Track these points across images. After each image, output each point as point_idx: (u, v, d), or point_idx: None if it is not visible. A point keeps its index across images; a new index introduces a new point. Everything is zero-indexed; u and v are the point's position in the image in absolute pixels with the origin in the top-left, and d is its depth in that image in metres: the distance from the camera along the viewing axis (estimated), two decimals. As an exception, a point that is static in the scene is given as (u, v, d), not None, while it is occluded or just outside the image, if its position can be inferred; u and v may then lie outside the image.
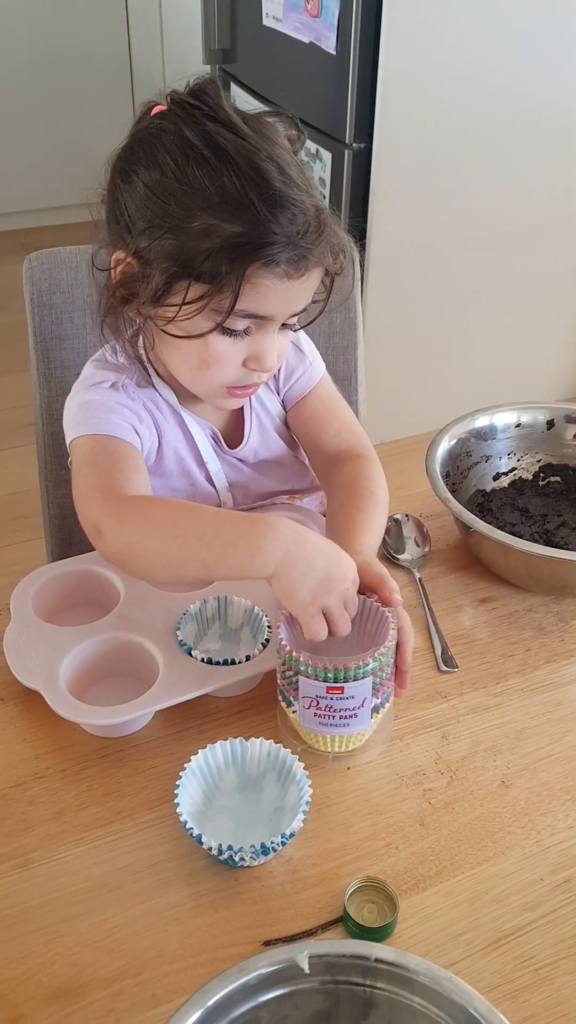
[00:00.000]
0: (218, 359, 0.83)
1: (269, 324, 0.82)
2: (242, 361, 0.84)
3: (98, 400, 0.90)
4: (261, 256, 0.76)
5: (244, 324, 0.81)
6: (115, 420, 0.88)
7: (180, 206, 0.76)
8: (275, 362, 0.85)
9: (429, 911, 0.68)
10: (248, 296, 0.78)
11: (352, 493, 0.91)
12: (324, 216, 0.80)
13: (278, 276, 0.78)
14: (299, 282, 0.80)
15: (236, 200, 0.75)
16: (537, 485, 1.09)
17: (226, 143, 0.76)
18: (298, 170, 0.79)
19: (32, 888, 0.68)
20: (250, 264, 0.76)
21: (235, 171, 0.75)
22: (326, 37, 1.96)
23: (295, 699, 0.74)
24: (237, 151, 0.75)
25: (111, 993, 0.62)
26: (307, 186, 0.80)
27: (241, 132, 0.76)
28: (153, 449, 0.95)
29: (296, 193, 0.77)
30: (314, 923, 0.67)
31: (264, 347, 0.83)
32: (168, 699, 0.78)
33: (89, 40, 3.34)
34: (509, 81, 2.03)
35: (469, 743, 0.80)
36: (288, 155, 0.79)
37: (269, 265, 0.76)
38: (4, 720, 0.80)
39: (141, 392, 0.93)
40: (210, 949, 0.65)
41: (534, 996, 0.63)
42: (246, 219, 0.75)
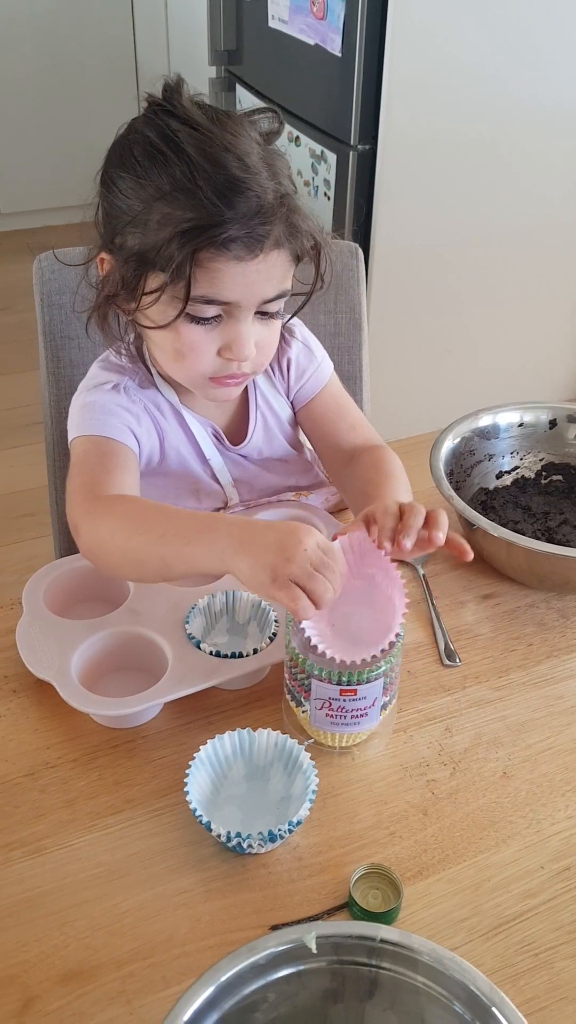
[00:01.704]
0: (192, 348, 0.85)
1: (237, 311, 0.83)
2: (216, 350, 0.86)
3: (98, 402, 0.92)
4: (210, 239, 0.78)
5: (212, 312, 0.83)
6: (111, 422, 0.91)
7: (141, 201, 0.80)
8: (251, 351, 0.86)
9: (432, 897, 0.70)
10: (203, 281, 0.80)
11: (377, 473, 0.93)
12: (287, 201, 0.82)
13: (231, 259, 0.79)
14: (255, 264, 0.80)
15: (187, 189, 0.77)
16: (539, 484, 1.10)
17: (181, 137, 0.78)
18: (262, 158, 0.81)
19: (45, 874, 0.70)
20: (201, 248, 0.78)
21: (187, 162, 0.78)
22: (331, 39, 1.98)
23: (306, 700, 0.75)
24: (191, 143, 0.78)
25: (122, 975, 0.64)
26: (271, 173, 0.81)
27: (197, 125, 0.79)
28: (155, 449, 0.97)
29: (253, 178, 0.79)
30: (320, 908, 0.68)
31: (236, 335, 0.84)
32: (177, 691, 0.79)
33: (95, 41, 3.36)
34: (513, 83, 2.04)
35: (472, 735, 0.82)
36: (250, 144, 0.81)
37: (220, 248, 0.78)
38: (16, 711, 0.82)
39: (143, 393, 0.95)
40: (219, 933, 0.67)
41: (534, 980, 0.65)
42: (196, 206, 0.77)
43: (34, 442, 2.31)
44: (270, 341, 0.90)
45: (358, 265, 1.27)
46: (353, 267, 1.26)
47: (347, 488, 0.99)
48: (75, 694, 0.78)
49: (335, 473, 1.03)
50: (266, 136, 0.85)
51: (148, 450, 0.96)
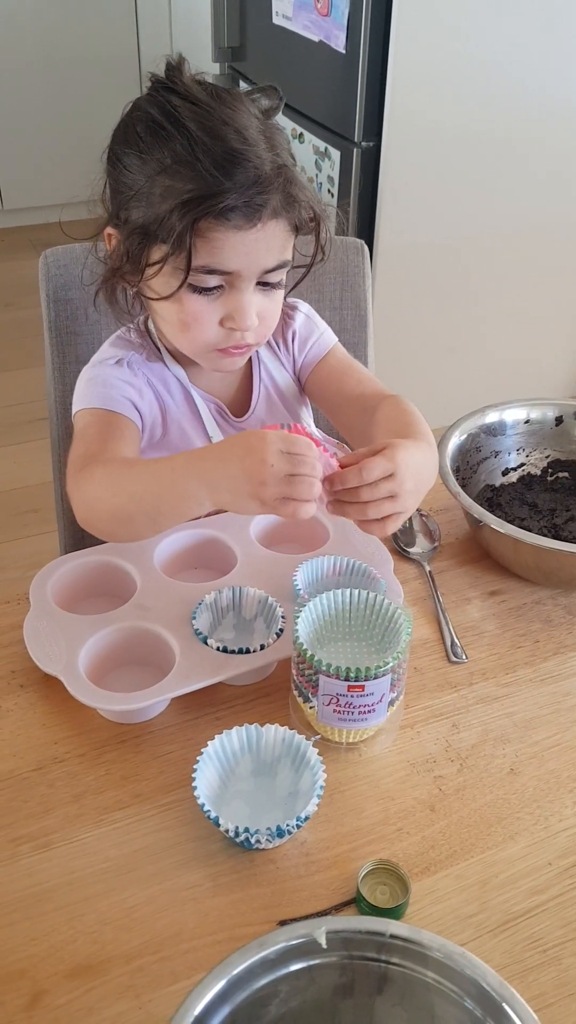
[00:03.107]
0: (195, 319, 0.87)
1: (238, 281, 0.85)
2: (219, 320, 0.87)
3: (101, 375, 0.95)
4: (209, 208, 0.79)
5: (214, 282, 0.84)
6: (113, 394, 0.93)
7: (144, 175, 0.82)
8: (253, 320, 0.87)
9: (440, 893, 0.70)
10: (204, 250, 0.82)
11: (400, 414, 0.91)
12: (285, 171, 0.83)
13: (230, 228, 0.81)
14: (254, 233, 0.82)
15: (187, 162, 0.80)
16: (545, 480, 1.10)
17: (181, 112, 0.80)
18: (260, 131, 0.83)
19: (53, 868, 0.70)
20: (200, 218, 0.80)
21: (187, 136, 0.80)
22: (335, 36, 1.98)
23: (314, 696, 0.76)
24: (191, 117, 0.80)
25: (131, 970, 0.64)
26: (269, 145, 0.83)
27: (197, 100, 0.81)
28: (157, 423, 0.98)
29: (251, 150, 0.80)
30: (328, 904, 0.69)
31: (238, 305, 0.86)
32: (184, 686, 0.79)
33: (98, 38, 3.36)
34: (518, 80, 2.04)
35: (479, 732, 0.82)
36: (248, 118, 0.82)
37: (219, 217, 0.80)
38: (24, 706, 0.82)
39: (148, 368, 0.97)
40: (227, 928, 0.67)
41: (542, 976, 0.65)
42: (196, 177, 0.79)
43: (38, 438, 2.31)
44: (272, 311, 0.91)
45: (363, 262, 1.27)
46: (359, 264, 1.26)
47: (373, 437, 0.95)
48: (83, 689, 0.78)
49: (351, 427, 1.01)
50: (266, 112, 0.87)
51: (150, 423, 0.97)
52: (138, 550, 0.93)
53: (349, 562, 0.90)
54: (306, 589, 0.87)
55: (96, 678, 0.81)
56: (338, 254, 1.25)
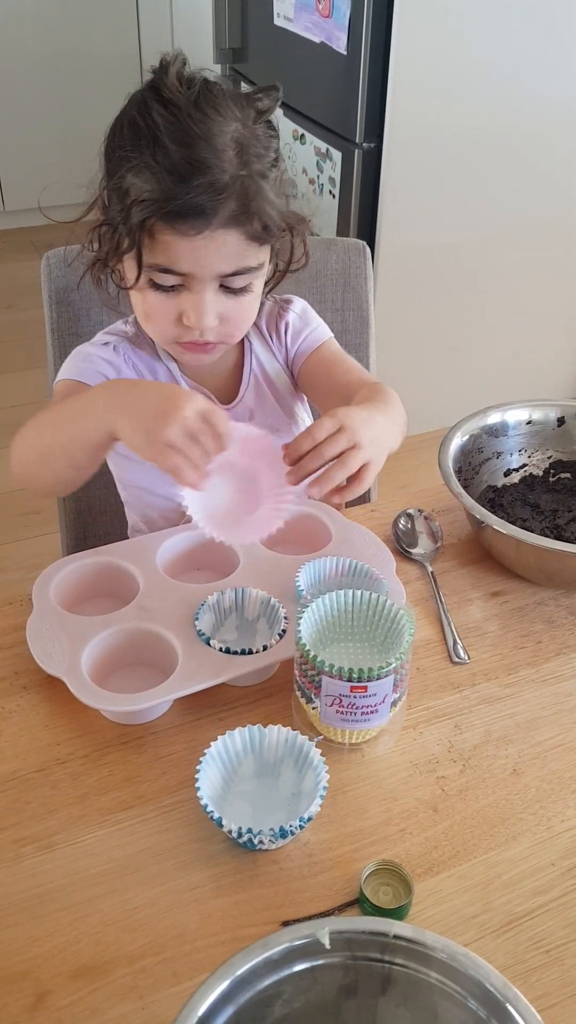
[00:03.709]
0: (154, 311, 0.90)
1: (193, 282, 0.87)
2: (176, 316, 0.90)
3: (84, 351, 1.00)
4: (156, 211, 0.82)
5: (170, 280, 0.87)
6: (88, 369, 0.97)
7: (120, 169, 0.85)
8: (208, 321, 0.89)
9: (443, 894, 0.70)
10: (155, 250, 0.85)
11: (371, 393, 0.93)
12: (247, 182, 0.84)
13: (175, 232, 0.83)
14: (201, 240, 0.83)
15: (149, 165, 0.82)
16: (547, 481, 1.10)
17: (155, 117, 0.82)
18: (235, 139, 0.83)
19: (56, 869, 0.70)
20: (149, 219, 0.83)
21: (155, 139, 0.82)
22: (337, 37, 1.98)
23: (316, 697, 0.76)
24: (163, 122, 0.82)
25: (134, 970, 0.64)
26: (240, 154, 0.84)
27: (175, 104, 0.82)
28: None
29: (212, 158, 0.81)
30: (331, 905, 0.69)
31: (193, 304, 0.88)
32: (187, 687, 0.79)
33: (99, 39, 3.36)
34: (520, 81, 2.04)
35: (481, 732, 0.82)
36: (225, 124, 0.83)
37: (166, 221, 0.83)
38: (27, 707, 0.82)
39: (136, 356, 1.01)
40: (230, 929, 0.67)
41: (545, 976, 0.65)
42: (153, 180, 0.82)
43: (39, 440, 2.31)
44: (239, 314, 0.92)
45: (365, 263, 1.27)
46: (360, 265, 1.26)
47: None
48: (85, 690, 0.78)
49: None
50: (260, 113, 0.87)
51: None
52: (141, 551, 0.93)
53: (351, 563, 0.90)
54: (308, 590, 0.87)
55: (99, 679, 0.81)
56: (340, 255, 1.26)
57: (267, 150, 0.87)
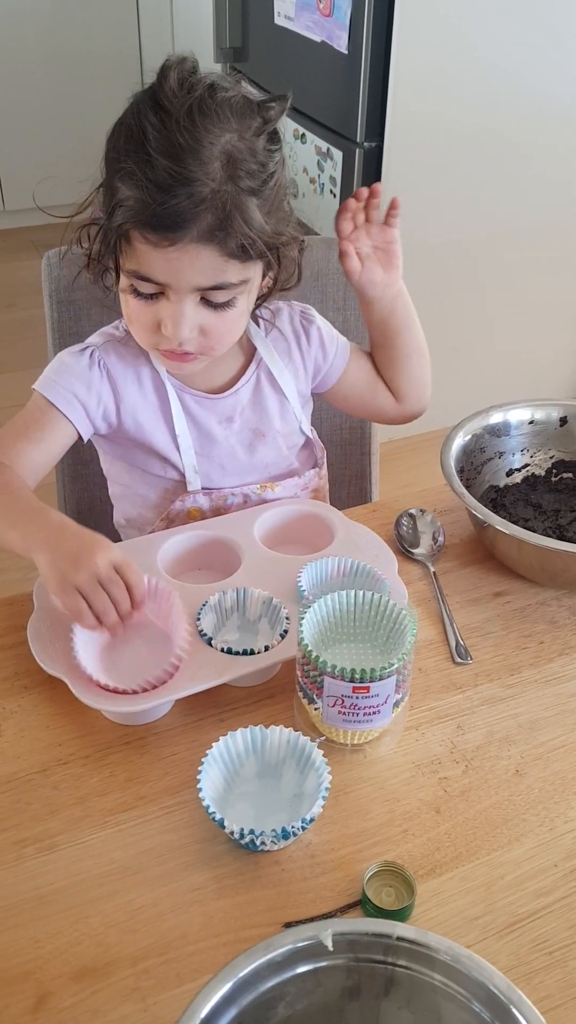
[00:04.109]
0: (135, 316, 0.92)
1: (170, 292, 0.87)
2: (154, 324, 0.90)
3: (63, 362, 0.99)
4: (134, 219, 0.83)
5: (148, 288, 0.88)
6: (60, 386, 0.97)
7: (111, 171, 0.85)
8: (185, 332, 0.89)
9: (445, 895, 0.69)
10: (131, 257, 0.86)
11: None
12: (226, 198, 0.83)
13: (147, 242, 0.84)
14: (173, 252, 0.83)
15: (133, 173, 0.82)
16: (550, 481, 1.10)
17: (146, 125, 0.82)
18: (225, 151, 0.82)
19: (58, 870, 0.70)
20: (125, 224, 0.84)
21: (144, 148, 0.81)
22: (338, 36, 1.98)
23: (318, 697, 0.75)
24: (153, 131, 0.81)
25: (136, 972, 0.64)
26: (227, 169, 0.83)
27: (168, 111, 0.81)
28: (110, 413, 1.00)
29: (194, 172, 0.81)
30: (333, 906, 0.68)
31: (169, 314, 0.88)
32: (189, 688, 0.79)
33: (100, 39, 3.35)
34: (521, 79, 2.04)
35: (484, 733, 0.82)
36: (216, 137, 0.82)
37: (140, 229, 0.83)
38: (28, 708, 0.82)
39: (119, 359, 1.00)
40: (232, 930, 0.67)
41: (548, 978, 0.65)
42: (135, 187, 0.82)
43: (40, 439, 2.30)
44: (221, 328, 0.92)
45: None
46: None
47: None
48: (87, 691, 0.78)
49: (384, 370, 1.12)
50: (264, 124, 0.86)
51: (100, 414, 1.00)
52: (141, 551, 0.93)
53: (353, 563, 0.89)
54: (310, 590, 0.87)
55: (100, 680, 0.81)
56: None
57: (262, 166, 0.85)
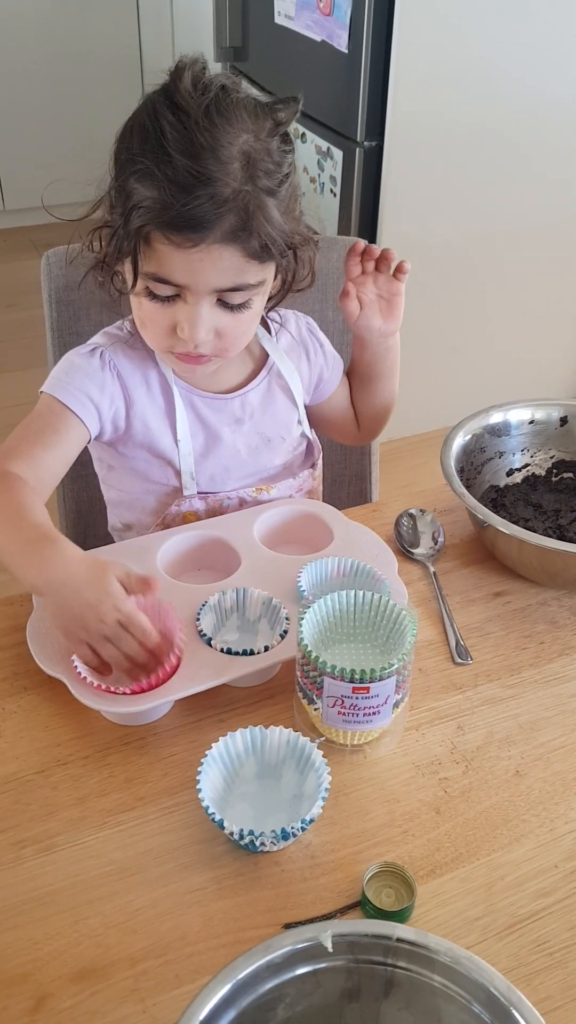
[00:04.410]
0: (149, 319, 0.90)
1: (189, 294, 0.87)
2: (170, 326, 0.89)
3: (71, 363, 0.97)
4: (152, 220, 0.82)
5: (166, 291, 0.87)
6: (71, 387, 0.94)
7: (125, 169, 0.84)
8: (202, 335, 0.88)
9: (445, 896, 0.69)
10: (151, 259, 0.85)
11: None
12: (247, 198, 0.82)
13: (170, 244, 0.83)
14: (197, 253, 0.83)
15: (152, 173, 0.81)
16: (550, 481, 1.10)
17: (163, 125, 0.81)
18: (243, 152, 0.82)
19: (57, 871, 0.70)
20: (146, 226, 0.82)
21: (162, 147, 0.81)
22: (338, 35, 1.97)
23: (318, 698, 0.75)
24: (171, 130, 0.80)
25: (135, 973, 0.64)
26: (246, 169, 0.82)
27: (186, 111, 0.81)
28: (120, 417, 0.99)
29: (215, 172, 0.80)
30: (333, 907, 0.68)
31: (187, 316, 0.88)
32: (188, 688, 0.79)
33: (100, 38, 3.35)
34: (521, 79, 2.04)
35: (484, 733, 0.82)
36: (234, 136, 0.81)
37: (162, 231, 0.82)
38: (27, 708, 0.82)
39: (127, 361, 0.98)
40: (232, 931, 0.66)
41: (549, 979, 0.64)
42: (154, 188, 0.81)
43: (40, 439, 2.30)
44: (236, 329, 0.91)
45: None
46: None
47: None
48: (86, 692, 0.78)
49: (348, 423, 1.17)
50: (276, 125, 0.85)
51: (111, 417, 0.98)
52: (141, 551, 0.93)
53: (353, 563, 0.89)
54: (310, 591, 0.87)
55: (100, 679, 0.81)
56: (341, 254, 1.25)
57: (278, 166, 0.85)
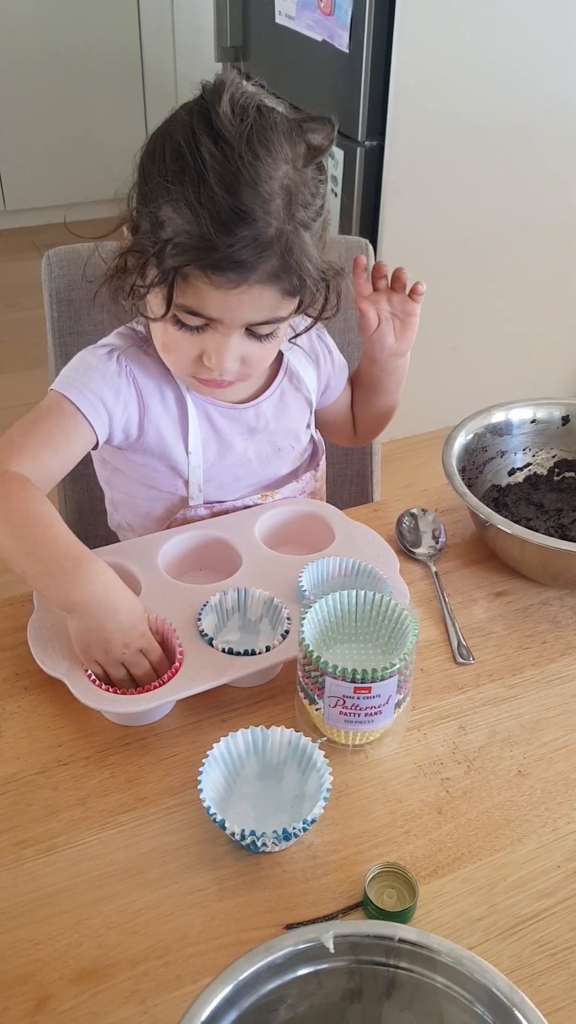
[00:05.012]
0: (175, 346, 0.89)
1: (221, 327, 0.85)
2: (197, 354, 0.88)
3: (87, 362, 0.94)
4: (196, 260, 0.79)
5: (196, 322, 0.85)
6: (86, 390, 0.91)
7: (158, 196, 0.80)
8: (231, 365, 0.88)
9: (447, 897, 0.69)
10: (188, 293, 0.82)
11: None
12: (290, 237, 0.81)
13: (211, 284, 0.81)
14: (236, 293, 0.81)
15: (192, 205, 0.78)
16: (552, 480, 1.10)
17: (203, 152, 0.77)
18: (283, 186, 0.80)
19: (58, 872, 0.70)
20: (186, 263, 0.80)
21: (201, 178, 0.77)
22: (339, 35, 1.97)
23: (320, 698, 0.75)
24: (211, 160, 0.77)
25: (136, 974, 0.64)
26: (287, 204, 0.80)
27: (226, 139, 0.77)
28: (132, 424, 0.96)
29: (258, 210, 0.78)
30: (334, 908, 0.68)
31: (217, 347, 0.86)
32: (190, 688, 0.79)
33: (101, 37, 3.35)
34: (522, 79, 2.03)
35: (486, 733, 0.81)
36: (275, 167, 0.79)
37: (205, 270, 0.80)
38: (27, 708, 0.82)
39: (143, 366, 0.95)
40: (233, 932, 0.66)
41: (552, 980, 0.64)
42: (195, 222, 0.78)
43: (41, 439, 2.30)
44: (261, 357, 0.91)
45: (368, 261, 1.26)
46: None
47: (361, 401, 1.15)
48: (87, 692, 0.78)
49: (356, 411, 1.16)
50: (311, 151, 0.83)
51: (123, 423, 0.95)
52: (141, 552, 0.93)
53: (355, 563, 0.89)
54: (311, 590, 0.87)
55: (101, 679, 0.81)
56: (342, 253, 1.25)
57: (314, 197, 0.84)
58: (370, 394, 1.12)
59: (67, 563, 0.79)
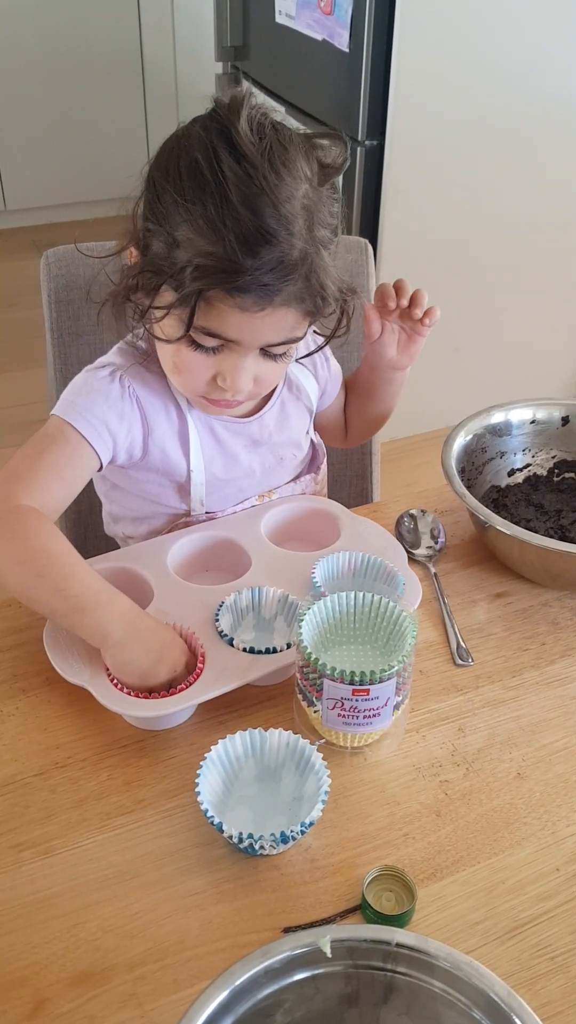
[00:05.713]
0: (187, 367, 0.87)
1: (238, 347, 0.84)
2: (211, 376, 0.87)
3: (89, 386, 0.91)
4: (221, 283, 0.77)
5: (212, 343, 0.83)
6: (89, 416, 0.89)
7: (174, 214, 0.78)
8: (245, 385, 0.87)
9: (446, 900, 0.69)
10: (208, 315, 0.80)
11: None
12: (312, 260, 0.80)
13: (236, 307, 0.79)
14: (260, 316, 0.80)
15: (214, 225, 0.76)
16: (552, 481, 1.09)
17: (223, 170, 0.76)
18: (304, 206, 0.79)
19: (55, 875, 0.69)
20: (210, 287, 0.78)
21: (223, 196, 0.75)
22: (339, 34, 1.97)
23: (318, 700, 0.75)
24: (232, 177, 0.75)
25: (134, 977, 0.63)
26: (308, 223, 0.79)
27: (246, 157, 0.76)
28: (136, 445, 0.94)
29: (282, 231, 0.77)
30: (333, 911, 0.68)
31: (232, 368, 0.85)
32: (216, 689, 0.78)
33: (101, 37, 3.35)
34: (522, 78, 2.03)
35: (485, 735, 0.81)
36: (296, 186, 0.78)
37: (230, 293, 0.78)
38: (25, 710, 0.81)
39: (146, 384, 0.93)
40: (231, 935, 0.66)
41: (551, 983, 0.64)
42: (218, 243, 0.76)
43: (40, 439, 2.30)
44: (274, 376, 0.91)
45: (368, 261, 1.26)
46: (363, 263, 1.26)
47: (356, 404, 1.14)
48: (112, 697, 0.77)
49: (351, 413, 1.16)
50: (325, 170, 0.82)
51: (127, 445, 0.93)
52: (149, 555, 0.92)
53: (366, 557, 0.89)
54: (325, 585, 0.87)
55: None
56: (342, 253, 1.25)
57: (332, 216, 0.83)
58: (365, 400, 1.11)
59: (101, 597, 0.79)
